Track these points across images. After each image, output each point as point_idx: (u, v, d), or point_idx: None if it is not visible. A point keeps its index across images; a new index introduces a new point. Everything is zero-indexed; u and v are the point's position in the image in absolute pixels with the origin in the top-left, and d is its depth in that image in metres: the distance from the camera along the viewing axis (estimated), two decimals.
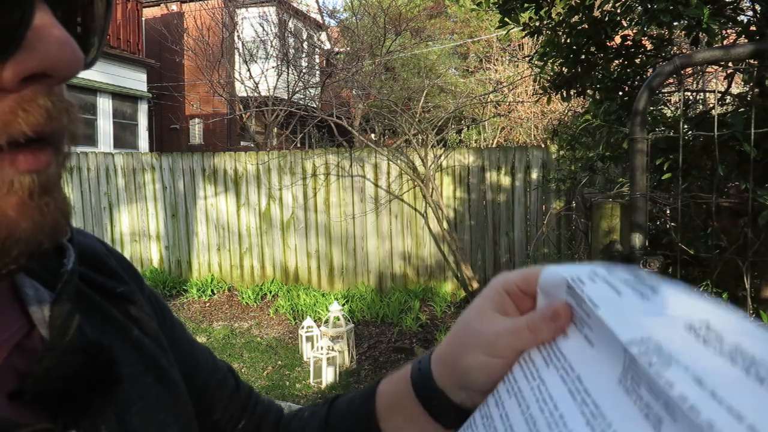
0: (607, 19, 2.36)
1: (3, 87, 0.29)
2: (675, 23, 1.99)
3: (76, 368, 0.36)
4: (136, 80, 12.11)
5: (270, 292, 6.42)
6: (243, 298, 6.34)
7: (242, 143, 14.14)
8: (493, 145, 9.05)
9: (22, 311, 0.38)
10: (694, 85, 3.89)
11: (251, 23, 10.95)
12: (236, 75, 10.43)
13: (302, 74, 10.82)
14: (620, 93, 2.46)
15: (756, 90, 1.93)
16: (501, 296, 0.42)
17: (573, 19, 2.44)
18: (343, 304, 5.67)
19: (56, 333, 0.37)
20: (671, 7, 1.83)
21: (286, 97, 10.11)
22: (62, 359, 0.35)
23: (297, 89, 10.34)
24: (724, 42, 2.29)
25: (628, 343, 0.31)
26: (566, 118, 6.31)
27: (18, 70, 0.28)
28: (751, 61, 1.97)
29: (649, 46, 2.51)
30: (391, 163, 6.05)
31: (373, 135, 9.53)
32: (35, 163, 0.30)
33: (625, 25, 2.46)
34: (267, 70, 10.05)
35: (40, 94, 0.30)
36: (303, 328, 4.70)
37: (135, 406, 0.42)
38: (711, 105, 3.00)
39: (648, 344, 0.30)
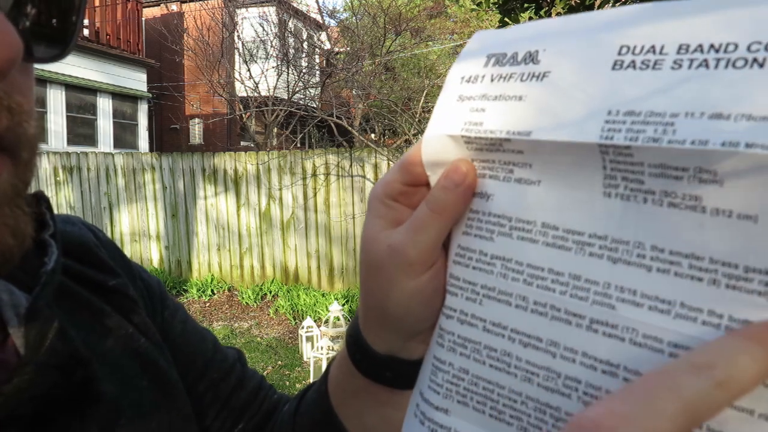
0: None
1: None
2: None
3: (49, 388, 0.32)
4: (136, 80, 12.12)
5: (270, 292, 6.42)
6: (243, 298, 6.34)
7: (242, 143, 14.13)
8: None
9: None
10: None
11: (251, 23, 10.94)
12: (236, 75, 10.42)
13: (302, 74, 10.82)
14: None
15: None
16: (386, 207, 0.32)
17: None
18: (343, 304, 5.67)
19: (31, 344, 0.32)
20: None
21: (286, 97, 10.11)
22: (35, 378, 0.31)
23: (297, 89, 10.34)
24: None
25: (596, 138, 0.23)
26: None
27: None
28: None
29: None
30: (391, 163, 6.04)
31: (373, 135, 9.53)
32: None
33: None
34: (267, 70, 10.04)
35: None
36: (303, 328, 4.70)
37: (125, 417, 0.38)
38: None
39: (620, 122, 0.22)
